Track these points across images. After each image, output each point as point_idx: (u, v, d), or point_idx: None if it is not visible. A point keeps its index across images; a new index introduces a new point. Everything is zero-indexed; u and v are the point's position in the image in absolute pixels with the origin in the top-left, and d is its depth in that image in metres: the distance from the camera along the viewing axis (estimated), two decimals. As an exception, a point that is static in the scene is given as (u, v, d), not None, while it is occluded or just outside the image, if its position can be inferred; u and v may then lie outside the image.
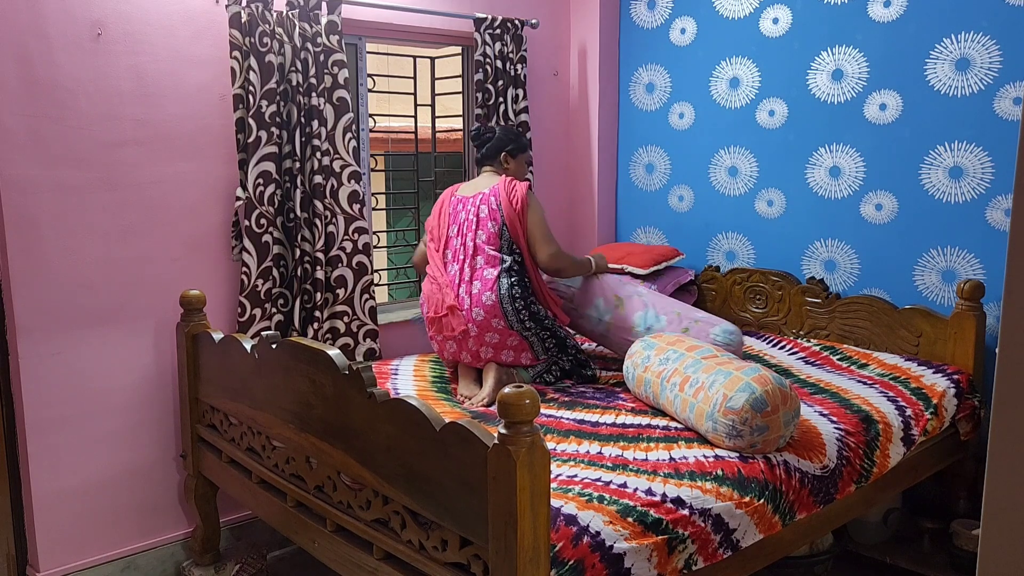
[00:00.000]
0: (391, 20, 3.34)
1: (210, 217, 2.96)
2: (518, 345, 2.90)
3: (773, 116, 3.53)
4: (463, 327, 2.87)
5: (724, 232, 3.76)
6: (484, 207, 2.96)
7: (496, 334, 2.86)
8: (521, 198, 2.92)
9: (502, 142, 3.11)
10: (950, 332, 3.03)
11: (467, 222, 2.98)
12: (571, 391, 2.87)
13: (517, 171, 3.13)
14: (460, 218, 3.00)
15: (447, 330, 2.91)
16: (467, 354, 2.92)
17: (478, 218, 2.96)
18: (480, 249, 2.92)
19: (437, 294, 2.94)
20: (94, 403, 2.76)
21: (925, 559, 2.94)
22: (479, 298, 2.85)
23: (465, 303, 2.87)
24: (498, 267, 2.88)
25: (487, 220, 2.94)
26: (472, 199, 3.00)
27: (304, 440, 2.24)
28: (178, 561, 2.99)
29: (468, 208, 3.00)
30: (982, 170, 3.02)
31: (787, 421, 2.27)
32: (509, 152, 3.11)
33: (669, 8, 3.83)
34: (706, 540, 2.02)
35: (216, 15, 2.87)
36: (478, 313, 2.84)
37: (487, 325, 2.84)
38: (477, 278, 2.89)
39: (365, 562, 2.04)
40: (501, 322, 2.84)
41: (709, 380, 2.36)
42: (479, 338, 2.86)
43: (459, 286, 2.91)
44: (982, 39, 2.96)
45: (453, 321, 2.89)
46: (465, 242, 2.95)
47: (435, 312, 2.94)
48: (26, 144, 2.54)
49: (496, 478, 1.64)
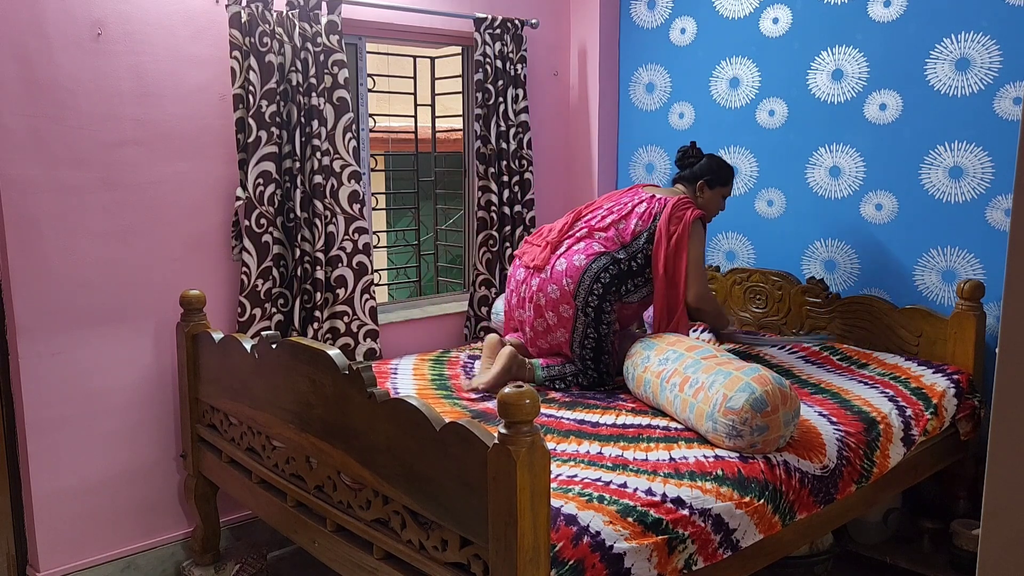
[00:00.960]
0: (391, 20, 3.34)
1: (210, 217, 2.96)
2: (567, 318, 2.85)
3: (773, 116, 3.53)
4: (543, 262, 2.90)
5: (724, 232, 3.76)
6: (645, 206, 2.96)
7: (559, 290, 2.84)
8: (687, 221, 2.87)
9: (704, 170, 3.08)
10: (950, 332, 3.03)
11: (623, 207, 2.99)
12: (572, 391, 2.87)
13: (709, 203, 3.08)
14: (623, 200, 3.03)
15: (529, 256, 2.97)
16: (515, 295, 2.99)
17: (632, 209, 2.96)
18: (610, 229, 2.93)
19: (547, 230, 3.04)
20: (94, 403, 2.76)
21: (925, 559, 2.94)
22: (573, 254, 2.87)
23: (562, 248, 2.92)
24: (608, 250, 2.88)
25: (637, 216, 2.94)
26: (646, 194, 3.02)
27: (304, 440, 2.24)
28: (178, 561, 2.99)
29: (635, 198, 3.01)
30: (982, 170, 3.02)
31: (787, 421, 2.27)
32: (707, 182, 3.06)
33: (669, 8, 3.83)
34: (706, 540, 2.02)
35: (216, 15, 2.87)
36: (561, 263, 2.86)
37: (559, 278, 2.84)
38: (586, 242, 2.90)
39: (365, 562, 2.04)
40: (572, 284, 2.82)
41: (709, 380, 2.36)
42: (542, 284, 2.88)
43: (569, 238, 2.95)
44: (982, 39, 2.96)
45: (540, 253, 2.94)
46: (607, 217, 2.97)
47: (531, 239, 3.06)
48: (26, 144, 2.54)
49: (496, 478, 1.64)
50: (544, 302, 2.88)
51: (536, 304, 2.90)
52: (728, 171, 3.13)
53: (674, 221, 2.89)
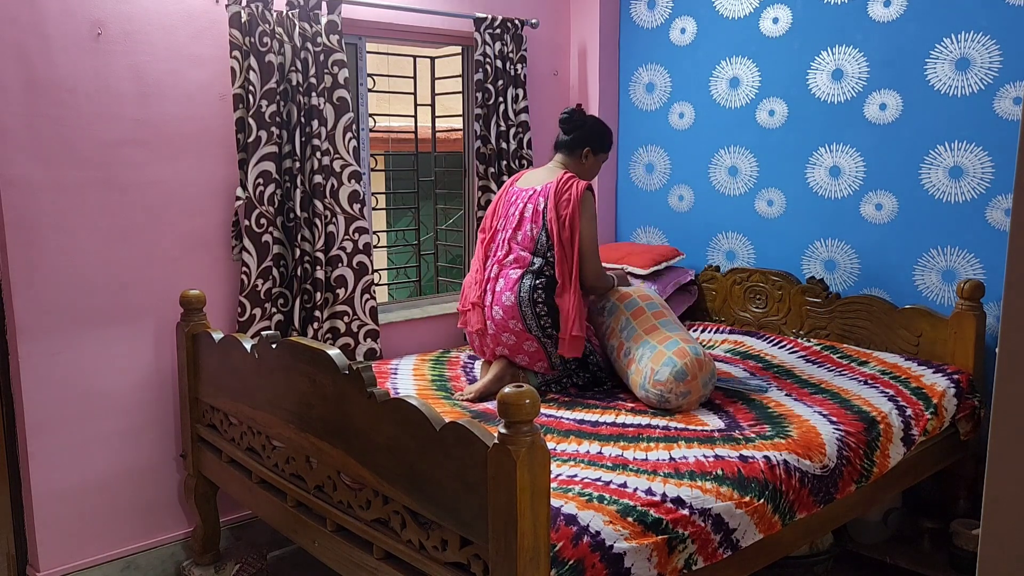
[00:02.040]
0: (391, 20, 3.34)
1: (210, 217, 2.96)
2: (535, 352, 2.81)
3: (773, 116, 3.53)
4: (481, 324, 2.86)
5: (724, 232, 3.76)
6: (531, 206, 2.86)
7: (513, 336, 2.79)
8: (575, 199, 2.77)
9: (590, 136, 2.95)
10: (950, 332, 3.03)
11: (511, 219, 2.91)
12: (570, 391, 2.86)
13: (591, 168, 2.99)
14: (509, 212, 2.93)
15: (470, 325, 2.93)
16: (486, 351, 2.91)
17: (521, 217, 2.87)
18: (513, 249, 2.86)
19: (468, 288, 2.97)
20: (94, 403, 2.76)
21: (925, 559, 2.94)
22: (500, 297, 2.81)
23: (487, 300, 2.86)
24: (524, 267, 2.81)
25: (528, 221, 2.85)
26: (525, 193, 2.91)
27: (304, 440, 2.24)
28: (178, 561, 2.99)
29: (517, 204, 2.92)
30: (982, 170, 3.02)
31: (705, 383, 2.66)
32: (592, 148, 2.96)
33: (669, 8, 3.83)
34: (706, 540, 2.02)
35: (216, 15, 2.87)
36: (497, 312, 2.80)
37: (504, 325, 2.79)
38: (503, 276, 2.84)
39: (365, 562, 2.04)
40: (519, 324, 2.77)
41: (639, 354, 2.73)
42: (496, 337, 2.83)
43: (487, 282, 2.89)
44: (982, 39, 2.96)
45: (473, 317, 2.90)
46: (505, 238, 2.90)
47: (462, 305, 2.99)
48: (26, 144, 2.54)
49: (496, 478, 1.64)
50: (508, 351, 2.84)
51: (503, 355, 2.87)
52: (610, 135, 3.04)
53: (562, 205, 2.78)
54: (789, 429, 2.45)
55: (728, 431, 2.44)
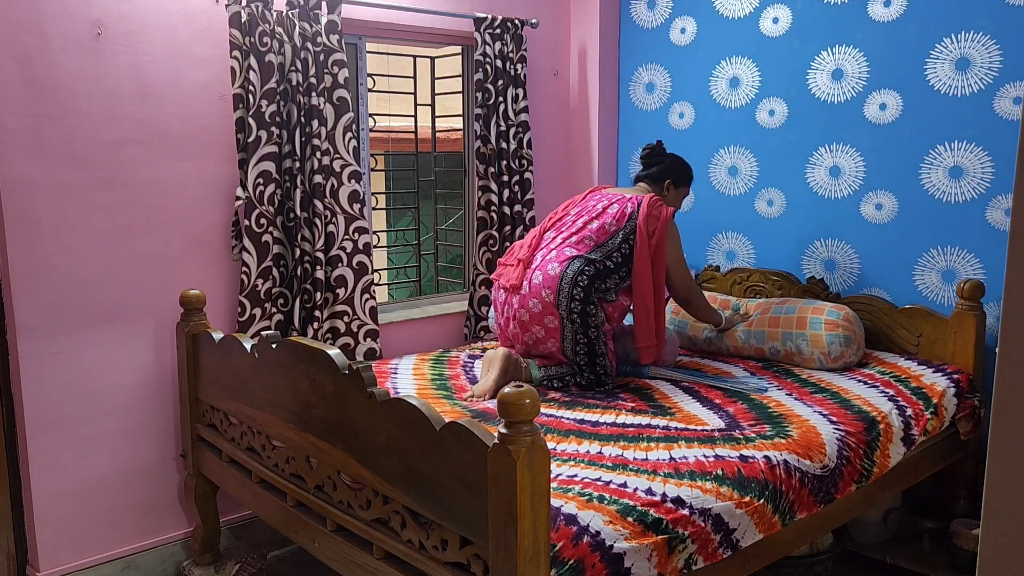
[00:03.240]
0: (391, 20, 3.34)
1: (210, 217, 2.96)
2: (553, 329, 2.83)
3: (773, 116, 3.53)
4: (517, 281, 2.90)
5: (724, 232, 3.76)
6: (617, 206, 2.96)
7: (540, 304, 2.82)
8: (664, 219, 2.91)
9: (671, 170, 3.13)
10: (950, 332, 3.03)
11: (591, 209, 3.00)
12: (571, 391, 2.86)
13: (673, 202, 3.14)
14: (590, 204, 3.03)
15: (505, 278, 2.97)
16: (502, 315, 2.97)
17: (603, 211, 2.97)
18: (581, 233, 2.93)
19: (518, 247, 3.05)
20: (94, 403, 2.76)
21: (925, 559, 2.94)
22: (546, 264, 2.86)
23: (535, 262, 2.91)
24: (581, 253, 2.87)
25: (610, 216, 2.94)
26: (614, 195, 3.03)
27: (304, 440, 2.24)
28: (178, 561, 2.99)
29: (603, 200, 3.02)
30: (982, 170, 3.02)
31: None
32: (673, 181, 3.13)
33: (669, 8, 3.83)
34: (706, 540, 2.02)
35: (216, 14, 2.87)
36: (537, 276, 2.85)
37: (537, 291, 2.83)
38: (558, 249, 2.90)
39: (365, 562, 2.04)
40: (552, 295, 2.80)
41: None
42: (523, 300, 2.87)
43: (541, 250, 2.95)
44: (982, 39, 2.96)
45: (513, 272, 2.95)
46: (576, 222, 2.97)
47: (505, 259, 3.06)
48: (26, 144, 2.54)
49: (496, 478, 1.64)
50: (528, 318, 2.86)
51: (520, 321, 2.89)
52: (690, 172, 3.21)
53: (651, 220, 2.91)
54: (789, 429, 2.45)
55: (728, 431, 2.44)
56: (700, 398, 2.76)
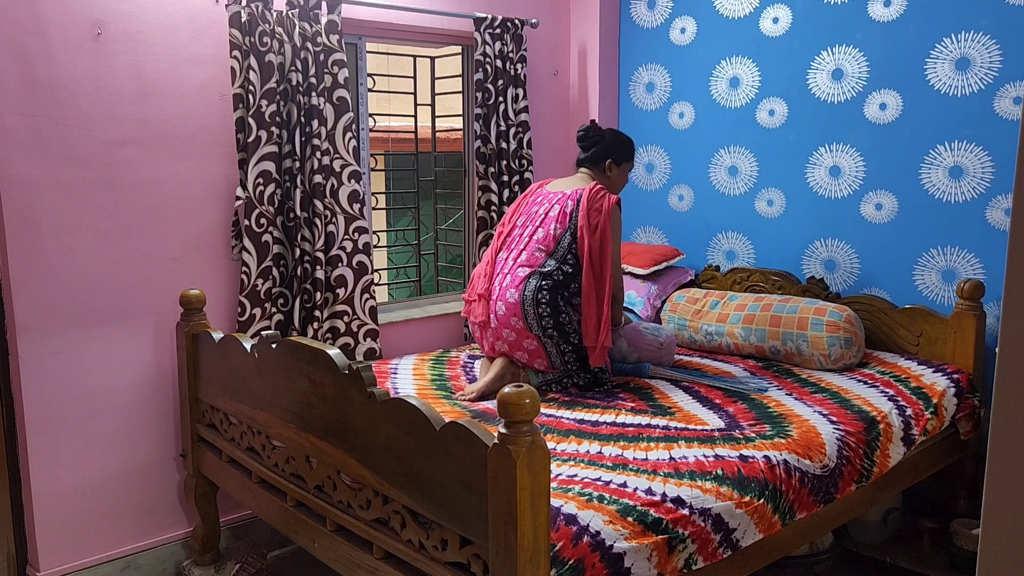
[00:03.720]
0: (391, 20, 3.34)
1: (210, 217, 2.96)
2: (534, 350, 2.81)
3: (773, 116, 3.53)
4: (484, 317, 2.86)
5: (724, 232, 3.76)
6: (558, 207, 2.87)
7: (513, 332, 2.79)
8: (606, 210, 2.79)
9: (610, 148, 3.00)
10: (950, 332, 3.03)
11: (535, 216, 2.92)
12: (570, 391, 2.86)
13: (617, 180, 3.03)
14: (532, 211, 2.96)
15: (473, 315, 2.93)
16: (485, 344, 2.92)
17: (546, 216, 2.88)
18: (529, 247, 2.86)
19: (476, 278, 2.97)
20: (94, 403, 2.76)
21: (925, 559, 2.94)
22: (504, 293, 2.81)
23: (494, 293, 2.86)
24: (535, 267, 2.80)
25: (553, 221, 2.85)
26: (553, 196, 2.93)
27: (304, 440, 2.24)
28: (178, 561, 2.99)
29: (543, 203, 2.94)
30: (982, 170, 3.02)
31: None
32: (615, 159, 3.01)
33: (669, 8, 3.83)
34: (706, 540, 2.02)
35: (216, 14, 2.87)
36: (500, 307, 2.81)
37: (506, 321, 2.79)
38: (511, 273, 2.84)
39: (365, 562, 2.04)
40: (520, 322, 2.77)
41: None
42: (496, 332, 2.84)
43: (495, 276, 2.89)
44: (982, 39, 2.96)
45: (477, 309, 2.90)
46: (523, 234, 2.91)
47: (468, 295, 3.00)
48: (26, 144, 2.54)
49: (496, 478, 1.64)
50: (507, 347, 2.84)
51: (502, 351, 2.87)
52: (632, 145, 3.08)
53: (593, 213, 2.79)
54: (789, 429, 2.45)
55: (728, 431, 2.44)
56: (700, 398, 2.76)
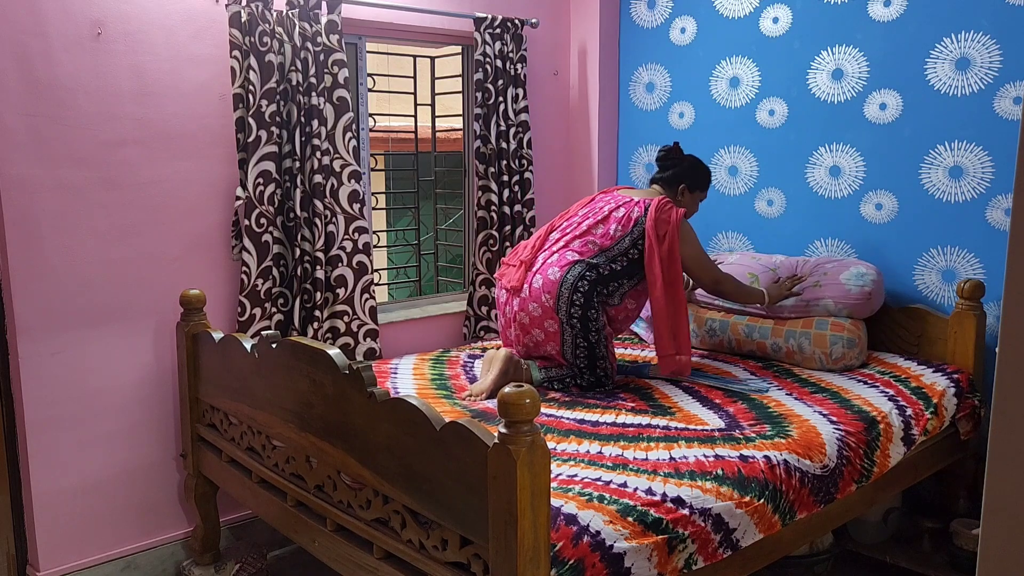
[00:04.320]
0: (391, 20, 3.34)
1: (210, 216, 2.96)
2: (553, 333, 2.81)
3: (773, 116, 3.53)
4: (518, 283, 2.87)
5: (724, 231, 3.76)
6: (623, 210, 2.90)
7: (540, 308, 2.80)
8: (675, 223, 2.84)
9: (687, 174, 3.05)
10: (950, 332, 3.03)
11: (598, 212, 2.94)
12: (571, 391, 2.86)
13: (687, 206, 3.06)
14: (597, 207, 2.98)
15: (506, 279, 2.94)
16: (509, 310, 2.93)
17: (609, 215, 2.91)
18: (585, 237, 2.89)
19: (522, 248, 3.00)
20: (94, 403, 2.76)
21: (925, 559, 2.94)
22: (547, 268, 2.83)
23: (536, 264, 2.87)
24: (584, 257, 2.84)
25: (616, 222, 2.89)
26: (623, 197, 2.97)
27: (304, 439, 2.24)
28: (178, 561, 2.99)
29: (611, 203, 2.96)
30: (982, 170, 3.02)
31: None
32: (688, 186, 3.05)
33: (669, 8, 3.83)
34: (706, 540, 2.02)
35: (216, 14, 2.87)
36: (538, 280, 2.82)
37: (537, 296, 2.81)
38: (560, 252, 2.86)
39: (365, 561, 2.04)
40: (551, 300, 2.78)
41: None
42: (524, 302, 2.85)
43: (543, 252, 2.91)
44: (982, 39, 2.96)
45: (514, 273, 2.92)
46: (581, 224, 2.93)
47: (508, 259, 3.03)
48: (26, 144, 2.54)
49: (496, 477, 1.64)
50: (528, 321, 2.84)
51: (520, 324, 2.87)
52: (708, 175, 3.13)
53: (660, 224, 2.84)
54: (789, 429, 2.45)
55: (728, 431, 2.44)
56: (700, 398, 2.76)
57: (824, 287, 3.09)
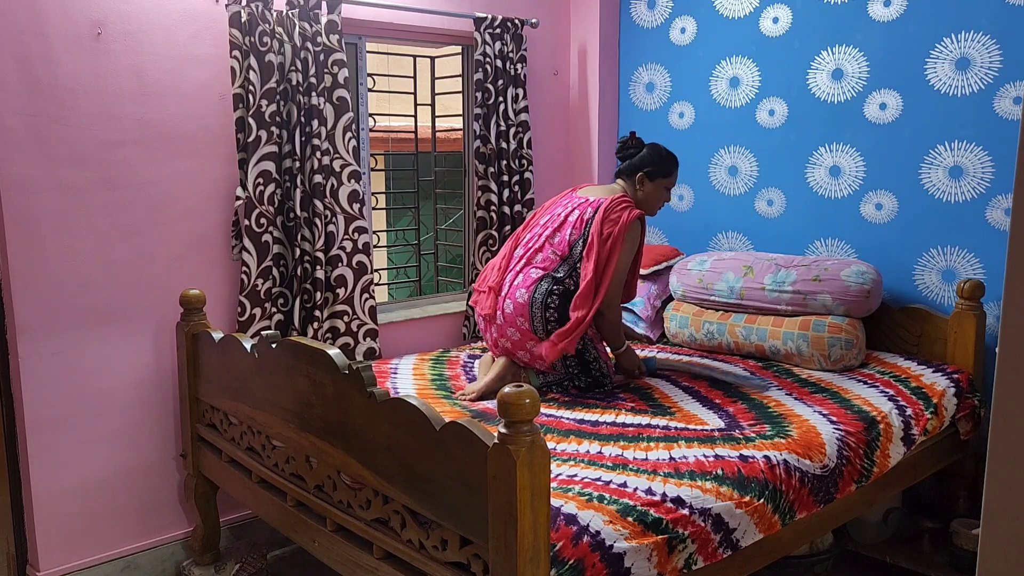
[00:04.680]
0: (391, 19, 3.34)
1: (210, 216, 2.96)
2: (538, 353, 2.78)
3: (773, 115, 3.53)
4: (491, 310, 2.84)
5: (724, 232, 3.76)
6: (577, 212, 2.84)
7: (518, 332, 2.78)
8: (623, 223, 2.74)
9: (643, 161, 2.92)
10: (950, 331, 3.03)
11: (555, 218, 2.90)
12: (571, 392, 2.86)
13: (650, 196, 2.93)
14: (556, 212, 2.93)
15: (480, 307, 2.91)
16: (489, 337, 2.90)
17: (565, 220, 2.85)
18: (545, 248, 2.84)
19: (490, 270, 2.94)
20: (94, 403, 2.76)
21: (925, 559, 2.94)
22: (515, 292, 2.80)
23: (504, 288, 2.84)
24: (548, 271, 2.79)
25: (570, 226, 2.83)
26: (578, 200, 2.91)
27: (304, 439, 2.24)
28: (178, 561, 2.99)
29: (567, 207, 2.91)
30: (982, 170, 3.02)
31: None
32: (647, 174, 2.91)
33: (669, 7, 3.83)
34: (706, 540, 2.02)
35: (216, 14, 2.87)
36: (508, 305, 2.79)
37: (512, 320, 2.78)
38: (524, 272, 2.82)
39: (365, 561, 2.04)
40: (526, 323, 2.75)
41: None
42: (501, 329, 2.82)
43: (509, 272, 2.87)
44: (982, 39, 2.96)
45: (485, 301, 2.88)
46: (542, 235, 2.88)
47: (479, 285, 2.97)
48: (26, 144, 2.54)
49: (496, 477, 1.64)
50: (510, 345, 2.82)
51: (504, 348, 2.85)
52: (671, 161, 2.97)
53: (608, 223, 2.75)
54: (789, 429, 2.45)
55: (728, 431, 2.44)
56: (700, 398, 2.76)
57: (824, 282, 3.09)
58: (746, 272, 3.25)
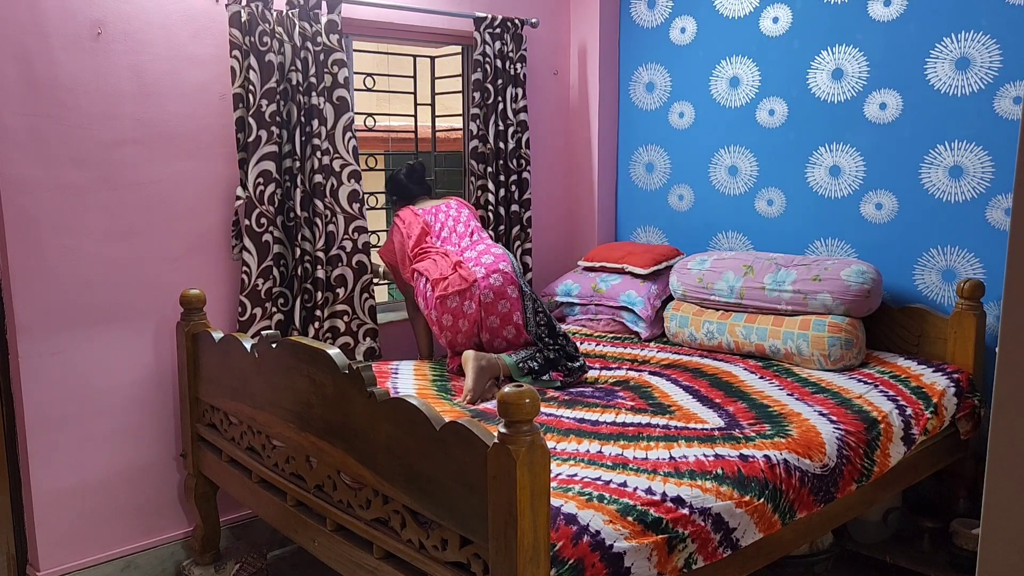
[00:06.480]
0: (391, 19, 3.34)
1: (210, 216, 2.96)
2: (515, 298, 2.99)
3: (773, 115, 3.53)
4: (466, 283, 2.92)
5: (724, 231, 3.76)
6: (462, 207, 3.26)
7: (508, 303, 2.97)
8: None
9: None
10: (950, 331, 3.03)
11: (454, 217, 3.20)
12: (571, 390, 2.87)
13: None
14: (441, 217, 3.19)
15: (452, 286, 2.92)
16: (465, 313, 2.93)
17: (462, 212, 3.23)
18: (479, 230, 3.21)
19: (443, 260, 3.03)
20: (94, 403, 2.76)
21: (925, 558, 2.94)
22: (497, 264, 2.99)
23: (479, 273, 2.97)
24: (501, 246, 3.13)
25: (472, 216, 3.25)
26: (441, 205, 3.24)
27: (304, 439, 2.24)
28: (178, 560, 2.99)
29: (443, 210, 3.22)
30: (982, 169, 3.02)
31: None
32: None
33: (669, 7, 3.83)
34: (706, 539, 2.02)
35: (216, 14, 2.87)
36: (496, 280, 2.96)
37: (503, 292, 2.95)
38: (487, 252, 3.05)
39: (365, 561, 2.04)
40: (516, 291, 2.98)
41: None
42: (492, 306, 2.95)
43: (467, 252, 3.08)
44: (982, 38, 2.96)
45: (456, 277, 2.95)
46: (456, 229, 3.16)
47: (441, 273, 2.98)
48: (26, 144, 2.54)
49: (496, 477, 1.64)
50: (492, 297, 2.95)
51: (485, 303, 2.95)
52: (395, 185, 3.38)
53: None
54: (789, 428, 2.45)
55: (728, 430, 2.44)
56: (700, 397, 2.76)
57: (824, 282, 3.09)
58: (746, 272, 3.25)
